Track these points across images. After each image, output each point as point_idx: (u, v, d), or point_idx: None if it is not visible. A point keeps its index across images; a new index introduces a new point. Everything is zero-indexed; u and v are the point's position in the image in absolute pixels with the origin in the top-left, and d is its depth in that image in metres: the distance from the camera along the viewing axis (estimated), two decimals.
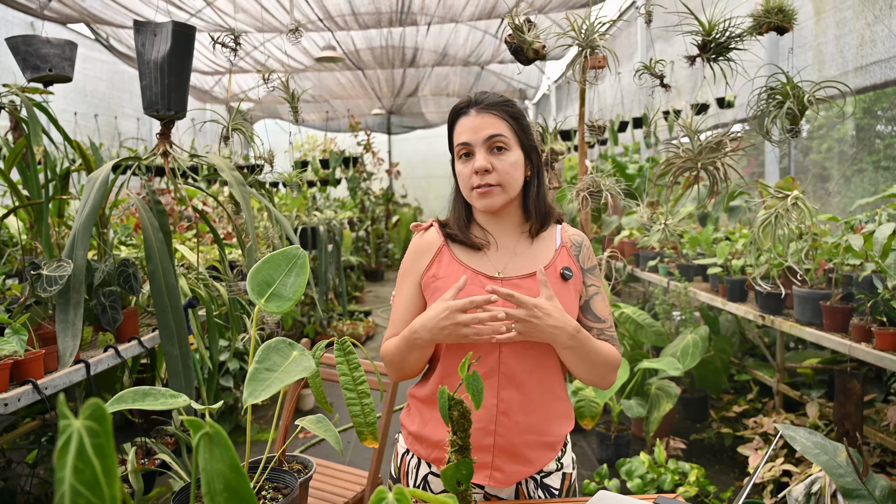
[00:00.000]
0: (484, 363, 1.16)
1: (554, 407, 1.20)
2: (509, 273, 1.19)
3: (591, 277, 1.25)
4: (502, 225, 1.24)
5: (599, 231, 5.02)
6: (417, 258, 1.24)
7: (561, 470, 1.23)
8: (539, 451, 1.18)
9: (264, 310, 0.87)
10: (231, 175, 1.92)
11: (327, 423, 0.93)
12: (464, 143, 1.17)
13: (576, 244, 1.26)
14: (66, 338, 1.72)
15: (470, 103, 1.19)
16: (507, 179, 1.16)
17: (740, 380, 3.36)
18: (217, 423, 1.28)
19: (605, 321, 1.22)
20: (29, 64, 1.99)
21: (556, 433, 1.20)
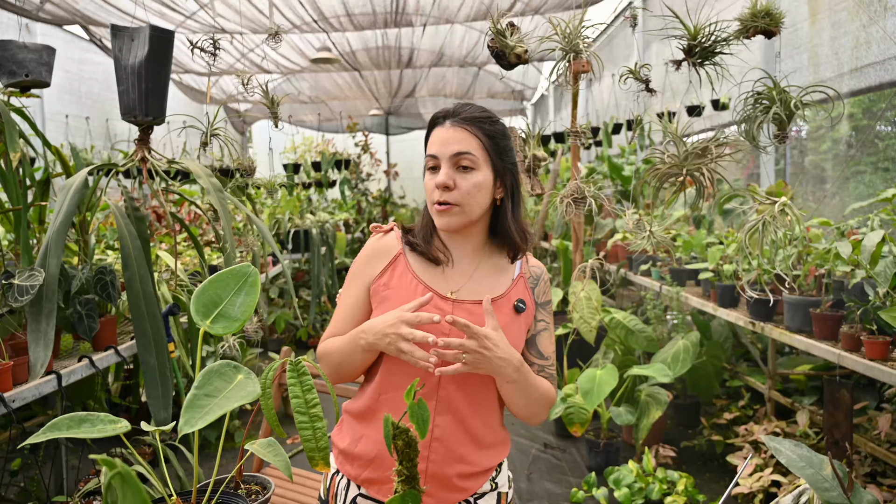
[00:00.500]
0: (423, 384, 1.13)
1: (487, 439, 1.17)
2: (462, 296, 1.16)
3: (543, 312, 1.22)
4: (462, 245, 1.20)
5: (593, 234, 4.99)
6: (371, 261, 1.20)
7: (496, 490, 1.21)
8: (470, 480, 1.16)
9: (209, 332, 0.84)
10: (208, 181, 1.89)
11: (277, 447, 0.90)
12: (432, 154, 1.14)
13: (534, 276, 1.23)
14: (37, 348, 1.69)
15: (448, 114, 1.15)
16: (468, 201, 1.12)
17: (733, 385, 3.33)
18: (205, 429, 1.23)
19: (548, 359, 1.21)
20: (4, 69, 1.96)
21: (487, 464, 1.18)
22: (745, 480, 2.36)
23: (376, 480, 1.15)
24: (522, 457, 3.14)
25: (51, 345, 1.71)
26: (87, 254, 2.24)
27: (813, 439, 2.50)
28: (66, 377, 1.74)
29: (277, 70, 7.75)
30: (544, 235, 6.06)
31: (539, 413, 1.16)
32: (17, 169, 2.11)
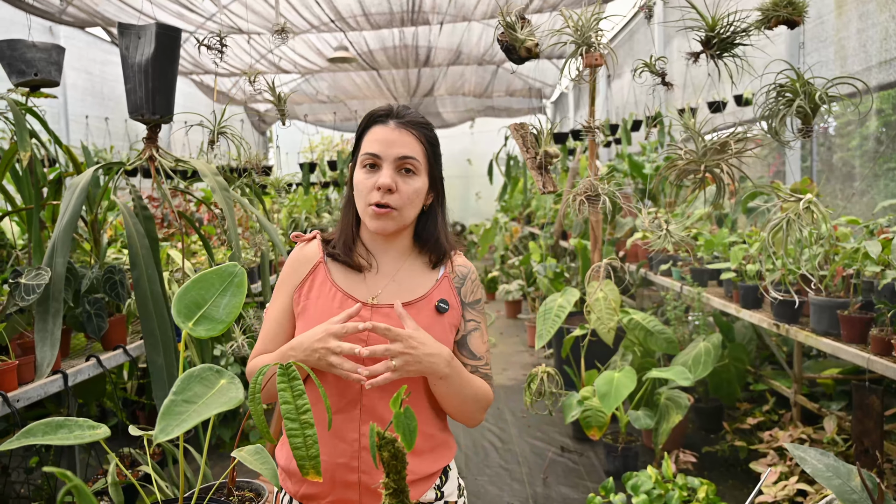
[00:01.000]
0: (344, 395, 1.10)
1: (423, 445, 1.13)
2: (382, 300, 1.13)
3: (472, 312, 1.19)
4: (388, 249, 1.18)
5: (613, 233, 4.90)
6: (294, 271, 1.18)
7: (442, 499, 1.17)
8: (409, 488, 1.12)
9: (191, 334, 0.80)
10: (213, 180, 1.87)
11: (265, 454, 0.86)
12: (373, 153, 1.10)
13: (460, 276, 1.20)
14: (44, 347, 1.69)
15: (390, 114, 1.13)
16: (407, 205, 1.11)
17: (756, 389, 3.23)
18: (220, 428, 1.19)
19: (481, 359, 1.18)
20: (14, 69, 1.96)
21: (426, 471, 1.14)
22: (769, 489, 2.27)
23: (315, 496, 1.12)
24: (538, 460, 3.08)
25: (57, 344, 1.70)
26: (98, 253, 2.24)
27: (841, 447, 2.41)
28: (72, 377, 1.73)
29: (296, 70, 7.77)
30: (563, 234, 5.98)
31: (475, 413, 1.14)
32: (28, 168, 2.12)
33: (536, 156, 1.97)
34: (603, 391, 2.66)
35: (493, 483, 2.86)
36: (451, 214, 5.57)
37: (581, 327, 3.19)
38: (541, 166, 1.96)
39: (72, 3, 5.06)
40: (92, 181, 2.22)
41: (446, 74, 9.04)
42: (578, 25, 2.00)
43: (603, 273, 2.24)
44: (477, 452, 3.19)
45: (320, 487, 1.12)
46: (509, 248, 7.19)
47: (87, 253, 2.36)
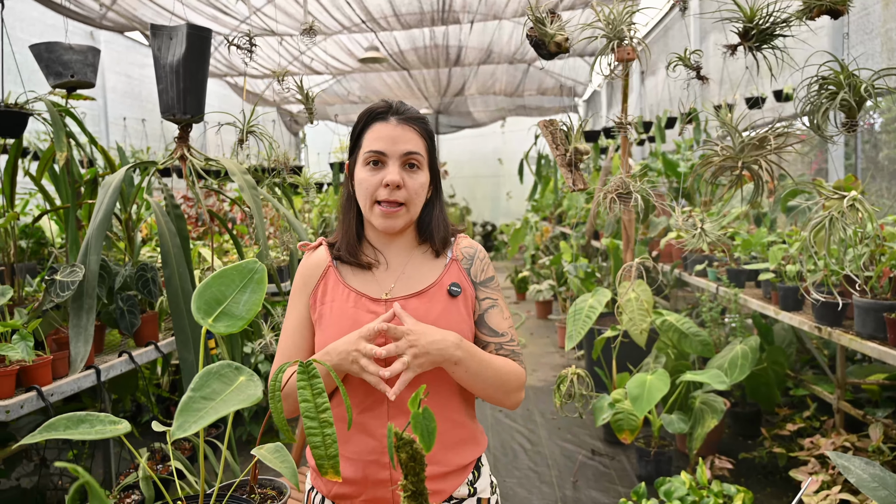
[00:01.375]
0: (372, 392, 1.08)
1: (453, 435, 1.12)
2: (396, 293, 1.13)
3: (486, 290, 1.18)
4: (394, 244, 1.17)
5: (646, 232, 4.80)
6: (306, 280, 1.17)
7: (475, 496, 1.15)
8: (442, 482, 1.11)
9: (212, 331, 0.80)
10: (242, 179, 1.88)
11: (284, 452, 0.85)
12: (378, 150, 1.09)
13: (467, 257, 1.20)
14: (77, 343, 1.72)
15: (390, 110, 1.12)
16: (414, 200, 1.11)
17: (797, 395, 3.11)
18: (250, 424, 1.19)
19: (504, 335, 1.16)
20: (51, 70, 2.01)
21: (456, 462, 1.13)
22: (809, 498, 2.18)
23: (347, 496, 1.12)
24: (568, 463, 3.03)
25: (90, 340, 1.73)
26: (132, 251, 2.28)
27: (887, 455, 2.30)
28: (105, 372, 1.76)
29: (327, 71, 7.83)
30: (595, 234, 5.89)
31: (507, 394, 1.11)
32: (65, 168, 2.17)
33: (566, 153, 1.92)
34: (635, 394, 2.60)
35: (521, 485, 2.82)
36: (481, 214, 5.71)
37: (612, 328, 3.12)
38: (570, 163, 1.92)
39: (111, 9, 5.20)
40: (126, 180, 2.26)
41: (477, 73, 9.00)
42: (610, 19, 1.95)
43: (634, 273, 2.19)
44: (506, 454, 3.16)
45: (353, 486, 1.11)
46: (540, 248, 7.12)
47: (122, 251, 2.40)
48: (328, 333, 1.10)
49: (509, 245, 7.59)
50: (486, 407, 3.83)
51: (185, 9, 5.42)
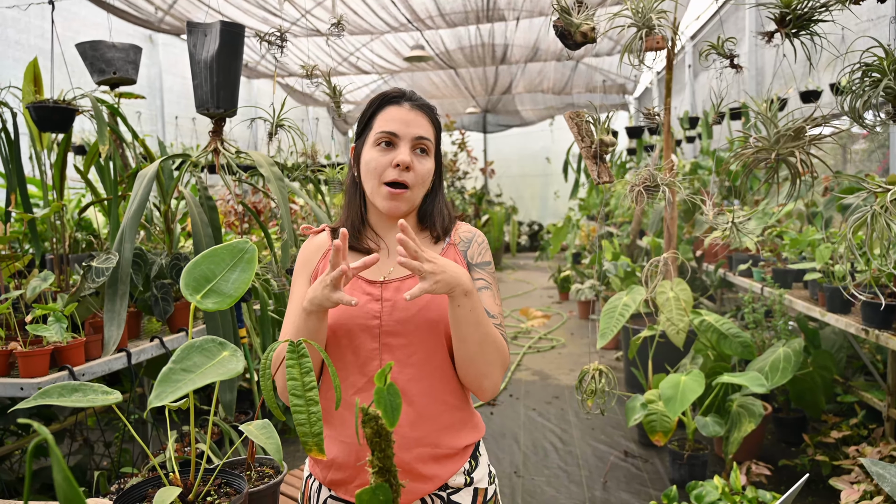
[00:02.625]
0: (363, 373, 1.09)
1: (446, 417, 1.11)
2: (393, 276, 1.14)
3: (480, 272, 1.18)
4: (395, 229, 1.17)
5: (691, 231, 4.66)
6: (306, 262, 1.20)
7: (472, 485, 1.14)
8: (434, 465, 1.09)
9: (199, 307, 0.82)
10: (269, 171, 1.93)
11: (270, 429, 0.87)
12: (391, 131, 1.11)
13: (465, 241, 1.20)
14: (111, 327, 1.80)
15: (402, 96, 1.15)
16: (419, 184, 1.13)
17: (845, 401, 2.96)
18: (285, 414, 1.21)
19: (495, 317, 1.14)
20: (95, 68, 2.11)
21: (450, 445, 1.11)
22: None
23: (342, 482, 1.12)
24: (600, 463, 2.97)
25: (123, 324, 1.81)
26: (169, 241, 2.37)
27: None
28: (136, 355, 1.84)
29: (374, 70, 7.93)
30: (641, 233, 5.75)
31: (494, 366, 1.07)
32: (108, 161, 2.28)
33: (592, 145, 1.89)
34: (668, 395, 2.53)
35: (550, 484, 2.79)
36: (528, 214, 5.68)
37: (650, 328, 3.05)
38: (596, 155, 1.88)
39: (168, 13, 5.41)
40: (166, 174, 2.35)
41: (524, 71, 8.94)
42: (639, 7, 1.90)
43: (663, 267, 2.13)
44: (536, 452, 3.12)
45: (346, 472, 1.12)
46: (586, 248, 7.00)
47: (162, 242, 2.50)
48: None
49: (550, 244, 7.50)
50: (519, 406, 3.80)
51: (237, 12, 5.60)
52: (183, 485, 0.89)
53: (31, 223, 2.25)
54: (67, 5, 4.90)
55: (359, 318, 1.09)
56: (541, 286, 7.95)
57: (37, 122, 2.09)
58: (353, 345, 1.10)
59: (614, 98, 10.06)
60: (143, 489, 0.91)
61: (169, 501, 0.79)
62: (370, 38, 7.00)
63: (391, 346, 1.09)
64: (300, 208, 4.68)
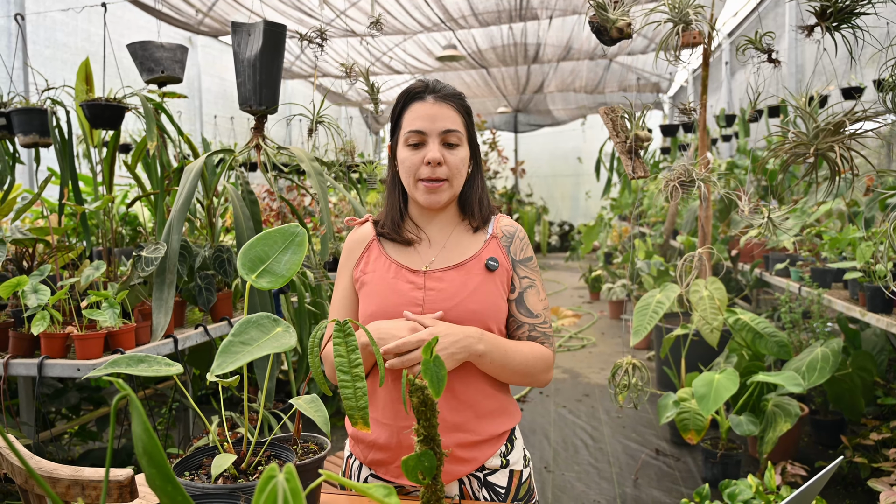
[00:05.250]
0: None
1: (483, 405, 1.15)
2: (435, 266, 1.17)
3: (525, 269, 1.20)
4: (435, 220, 1.21)
5: (727, 230, 4.60)
6: (350, 253, 1.24)
7: (507, 467, 1.17)
8: (472, 449, 1.13)
9: (255, 286, 0.87)
10: (310, 165, 1.99)
11: (319, 403, 0.92)
12: (417, 130, 1.13)
13: (507, 235, 1.22)
14: (159, 314, 1.88)
15: (426, 89, 1.16)
16: (456, 175, 1.15)
17: (886, 403, 2.90)
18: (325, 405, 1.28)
19: (538, 316, 1.18)
20: (145, 67, 2.20)
21: (488, 431, 1.15)
22: None
23: (382, 461, 1.16)
24: (630, 461, 2.97)
25: (170, 312, 1.89)
26: (212, 234, 2.45)
27: None
28: (182, 342, 1.91)
29: (407, 70, 8.00)
30: (674, 233, 5.69)
31: (535, 377, 1.16)
32: (155, 157, 2.37)
33: (627, 140, 1.90)
34: (701, 393, 2.52)
35: (580, 480, 2.79)
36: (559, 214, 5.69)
37: (683, 326, 3.03)
38: (631, 150, 1.89)
39: (208, 15, 5.56)
40: (209, 170, 2.44)
41: (556, 70, 8.91)
42: (676, 2, 1.91)
43: (697, 262, 2.12)
44: (567, 448, 3.13)
45: (387, 452, 1.15)
46: (618, 248, 6.96)
47: (205, 236, 2.59)
48: (370, 301, 1.16)
49: (582, 243, 7.47)
50: (549, 403, 3.81)
51: (274, 13, 5.72)
52: (236, 454, 0.94)
53: (83, 216, 2.36)
54: (113, 9, 5.08)
55: (401, 306, 1.13)
56: (571, 286, 7.92)
57: (89, 119, 2.19)
58: (394, 334, 1.12)
59: (648, 97, 9.96)
60: (198, 458, 0.96)
61: (225, 467, 0.84)
62: (403, 38, 7.07)
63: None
64: (333, 206, 4.76)
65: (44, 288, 1.71)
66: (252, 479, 0.90)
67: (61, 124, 2.34)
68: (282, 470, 0.48)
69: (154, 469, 0.53)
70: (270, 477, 0.49)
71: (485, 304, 1.13)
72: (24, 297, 1.67)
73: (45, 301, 1.67)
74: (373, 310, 1.15)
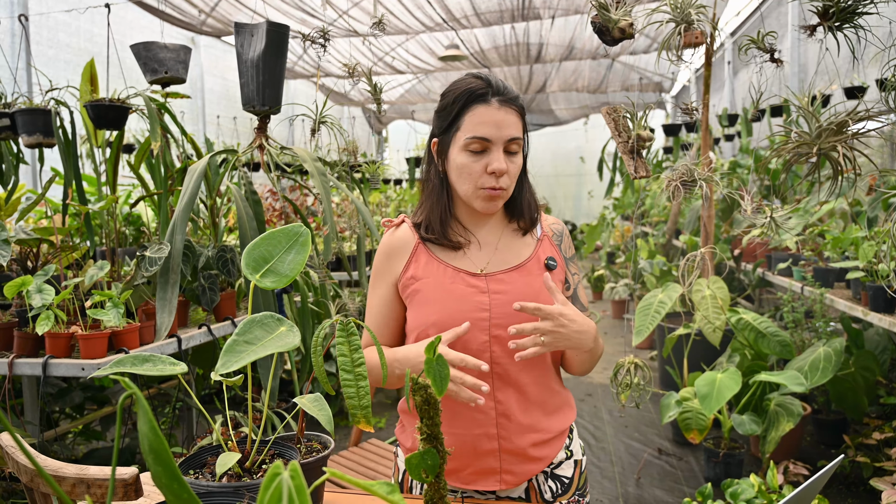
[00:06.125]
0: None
1: (552, 402, 1.16)
2: (492, 269, 1.13)
3: (574, 266, 1.23)
4: (484, 223, 1.18)
5: (729, 230, 4.60)
6: (391, 258, 1.16)
7: (571, 458, 1.19)
8: (545, 447, 1.14)
9: (259, 285, 0.88)
10: (313, 166, 1.99)
11: (322, 402, 0.92)
12: (482, 137, 1.06)
13: (557, 233, 1.22)
14: (163, 314, 1.89)
15: (490, 90, 1.07)
16: (514, 182, 1.12)
17: (888, 402, 2.90)
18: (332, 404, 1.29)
19: (587, 310, 1.22)
20: (148, 67, 2.21)
21: (557, 428, 1.16)
22: None
23: (453, 470, 1.13)
24: (633, 460, 2.97)
25: (174, 311, 1.89)
26: (216, 235, 2.46)
27: None
28: (185, 341, 1.92)
29: (409, 70, 8.01)
30: (677, 233, 5.69)
31: (594, 364, 1.19)
32: (159, 157, 2.38)
33: (629, 140, 1.90)
34: (703, 392, 2.52)
35: None
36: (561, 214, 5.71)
37: (685, 326, 3.04)
38: (633, 150, 1.89)
39: (210, 15, 5.57)
40: (213, 170, 2.44)
41: (559, 70, 8.91)
42: (678, 2, 1.91)
43: (700, 262, 2.12)
44: None
45: (459, 461, 1.12)
46: (620, 248, 6.96)
47: (208, 236, 2.60)
48: (430, 310, 1.10)
49: (585, 242, 7.47)
50: None
51: (277, 13, 5.73)
52: (240, 453, 0.95)
53: (87, 216, 2.37)
54: (116, 10, 5.09)
55: (467, 312, 1.08)
56: None
57: (93, 119, 2.20)
58: (461, 339, 1.08)
59: (651, 96, 9.95)
60: (202, 457, 0.97)
61: (229, 465, 0.85)
62: (405, 38, 7.08)
63: (502, 338, 1.07)
64: (336, 206, 4.76)
65: (48, 288, 1.72)
66: (256, 477, 0.91)
67: (65, 125, 2.35)
68: (286, 468, 0.49)
69: (160, 467, 0.53)
70: (275, 474, 0.49)
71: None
72: (28, 297, 1.68)
73: (49, 301, 1.68)
74: (435, 318, 1.09)
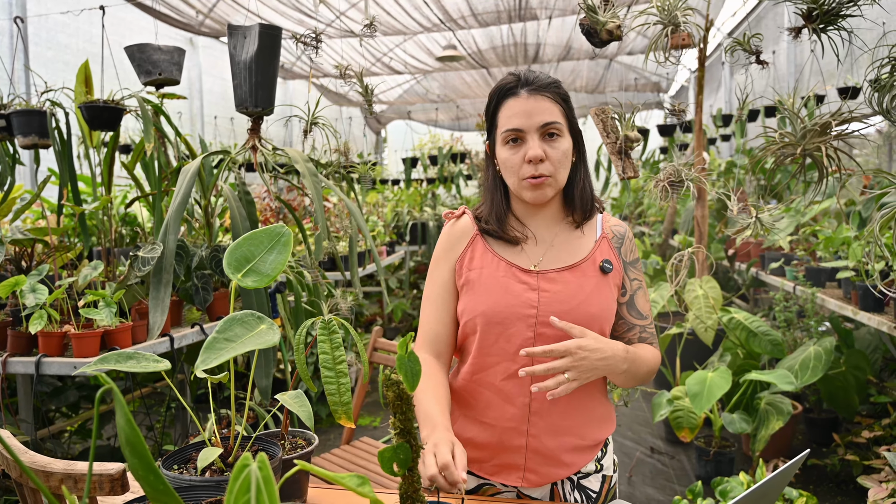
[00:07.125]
0: (515, 360, 1.09)
1: (593, 409, 1.14)
2: (545, 266, 1.13)
3: (634, 271, 1.18)
4: (542, 216, 1.17)
5: (724, 230, 4.62)
6: (452, 246, 1.18)
7: (601, 472, 1.17)
8: (576, 454, 1.12)
9: (240, 285, 0.90)
10: (304, 166, 2.01)
11: (303, 399, 0.94)
12: (514, 128, 1.09)
13: (618, 236, 1.19)
14: (155, 313, 1.91)
15: (519, 82, 1.10)
16: (559, 168, 1.10)
17: (878, 401, 2.91)
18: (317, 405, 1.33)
19: (647, 318, 1.17)
20: (142, 69, 2.23)
21: (594, 437, 1.14)
22: None
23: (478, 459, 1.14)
24: (626, 459, 2.99)
25: (167, 311, 1.91)
26: (209, 234, 2.48)
27: None
28: (178, 340, 1.94)
29: (407, 70, 8.03)
30: (673, 233, 5.71)
31: (646, 379, 1.16)
32: (153, 158, 2.40)
33: (617, 140, 1.92)
34: (694, 391, 2.54)
35: None
36: None
37: (678, 325, 3.06)
38: (621, 151, 1.91)
39: (208, 16, 5.59)
40: (207, 171, 2.46)
41: (557, 70, 8.92)
42: (665, 5, 1.93)
43: (688, 261, 2.14)
44: None
45: (485, 451, 1.13)
46: None
47: (202, 236, 2.62)
48: (479, 300, 1.11)
49: None
50: None
51: (274, 14, 5.75)
52: (224, 449, 0.97)
53: (82, 217, 2.39)
54: (113, 10, 5.11)
55: (515, 307, 1.08)
56: None
57: (88, 120, 2.22)
58: (506, 333, 1.09)
59: (648, 96, 9.97)
60: (187, 453, 0.99)
61: (211, 460, 0.87)
62: (403, 39, 7.10)
63: (546, 336, 1.08)
64: (333, 206, 4.79)
65: (42, 287, 1.74)
66: None
67: (60, 126, 2.37)
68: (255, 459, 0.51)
69: (136, 459, 0.55)
70: (244, 466, 0.51)
71: (601, 308, 1.10)
72: (22, 297, 1.70)
73: (42, 300, 1.70)
74: (483, 309, 1.10)
